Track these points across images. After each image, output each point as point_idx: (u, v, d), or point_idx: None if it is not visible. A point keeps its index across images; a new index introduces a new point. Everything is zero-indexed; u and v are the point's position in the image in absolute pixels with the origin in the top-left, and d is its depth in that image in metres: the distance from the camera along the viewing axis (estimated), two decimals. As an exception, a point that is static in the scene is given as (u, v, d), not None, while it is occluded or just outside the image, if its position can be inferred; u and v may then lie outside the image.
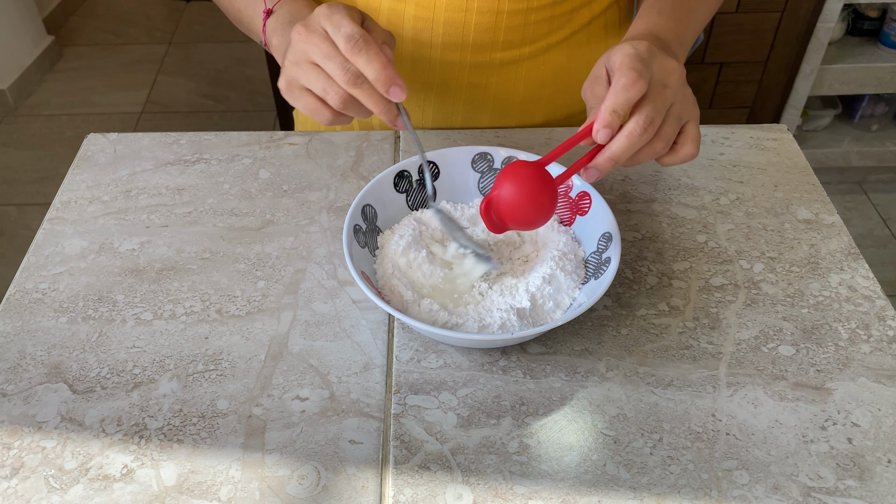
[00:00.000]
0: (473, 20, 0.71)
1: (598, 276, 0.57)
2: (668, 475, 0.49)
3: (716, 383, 0.55)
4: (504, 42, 0.73)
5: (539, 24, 0.73)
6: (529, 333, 0.52)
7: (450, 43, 0.72)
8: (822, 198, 0.70)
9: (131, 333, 0.59)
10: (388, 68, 0.53)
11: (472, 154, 0.66)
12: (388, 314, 0.60)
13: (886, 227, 1.90)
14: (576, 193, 0.63)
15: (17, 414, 0.53)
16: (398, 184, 0.64)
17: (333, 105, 0.55)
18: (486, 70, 0.75)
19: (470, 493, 0.49)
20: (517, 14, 0.71)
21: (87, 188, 0.72)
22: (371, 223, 0.62)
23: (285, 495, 0.49)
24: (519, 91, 0.77)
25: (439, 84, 0.76)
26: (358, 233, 0.60)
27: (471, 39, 0.72)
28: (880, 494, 0.49)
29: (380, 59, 0.53)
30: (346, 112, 0.56)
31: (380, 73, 0.53)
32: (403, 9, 0.71)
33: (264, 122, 2.35)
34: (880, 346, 0.57)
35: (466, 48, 0.73)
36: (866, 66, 1.82)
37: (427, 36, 0.72)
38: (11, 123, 2.33)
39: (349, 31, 0.52)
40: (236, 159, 0.75)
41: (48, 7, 2.71)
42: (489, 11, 0.70)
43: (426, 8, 0.71)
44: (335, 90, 0.54)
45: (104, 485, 0.49)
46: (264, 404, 0.54)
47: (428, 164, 0.63)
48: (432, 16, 0.71)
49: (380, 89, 0.54)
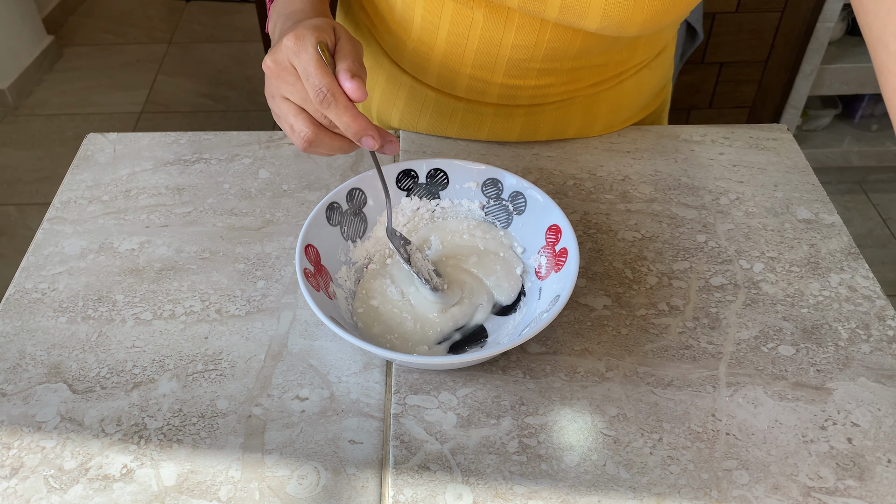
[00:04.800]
0: (475, 47, 0.67)
1: (559, 268, 0.57)
2: (668, 475, 0.49)
3: (716, 383, 0.55)
4: (539, 70, 0.69)
5: (575, 70, 0.70)
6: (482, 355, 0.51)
7: (480, 63, 0.69)
8: (822, 198, 0.70)
9: (131, 333, 0.59)
10: (357, 120, 0.52)
11: (484, 178, 0.64)
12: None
13: (886, 227, 1.90)
14: (560, 248, 0.60)
15: (16, 414, 0.53)
16: (402, 181, 0.64)
17: (298, 146, 0.55)
18: (516, 90, 0.72)
19: (470, 493, 0.49)
20: (523, 49, 0.67)
21: (87, 188, 0.72)
22: (357, 207, 0.62)
23: (285, 495, 0.49)
24: (516, 127, 0.75)
25: (436, 102, 0.74)
26: (334, 210, 0.60)
27: (503, 69, 0.69)
28: (880, 494, 0.49)
29: (349, 112, 0.52)
30: (314, 150, 0.56)
31: (349, 125, 0.52)
32: (434, 41, 0.68)
33: (264, 122, 2.35)
34: (880, 346, 0.57)
35: (498, 72, 0.69)
36: (866, 65, 1.82)
37: (425, 63, 0.71)
38: (11, 123, 2.33)
39: (317, 85, 0.51)
40: (236, 159, 0.75)
41: (48, 7, 2.71)
42: (492, 42, 0.66)
43: (429, 35, 0.68)
44: (301, 131, 0.54)
45: (104, 485, 0.49)
46: (264, 404, 0.54)
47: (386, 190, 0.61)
48: (434, 40, 0.68)
49: (352, 140, 0.54)
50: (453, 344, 0.58)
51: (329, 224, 0.60)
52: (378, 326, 0.58)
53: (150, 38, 2.77)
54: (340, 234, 0.61)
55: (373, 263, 0.62)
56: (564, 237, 0.59)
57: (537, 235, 0.62)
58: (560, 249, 0.59)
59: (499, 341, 0.57)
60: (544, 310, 0.55)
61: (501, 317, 0.60)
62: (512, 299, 0.60)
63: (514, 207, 0.64)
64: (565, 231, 0.59)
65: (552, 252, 0.60)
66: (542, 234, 0.61)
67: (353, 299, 0.60)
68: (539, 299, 0.58)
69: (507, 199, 0.64)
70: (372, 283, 0.61)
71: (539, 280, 0.60)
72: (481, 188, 0.65)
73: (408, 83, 0.74)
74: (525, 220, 0.63)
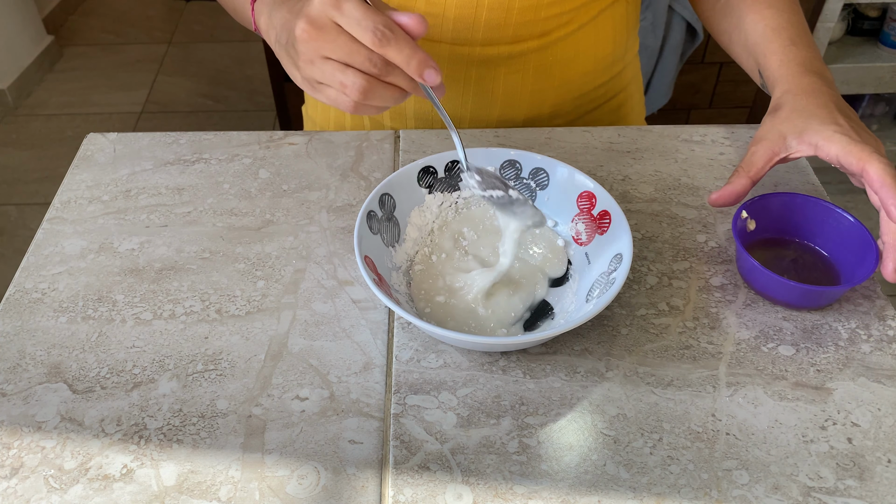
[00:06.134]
0: (484, 16, 0.70)
1: (604, 230, 0.59)
2: (668, 475, 0.49)
3: (716, 383, 0.55)
4: (513, 36, 0.73)
5: (549, 20, 0.73)
6: (530, 339, 0.53)
7: (460, 38, 0.72)
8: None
9: (131, 333, 0.59)
10: (419, 52, 0.51)
11: (501, 160, 0.65)
12: (387, 313, 0.60)
13: (886, 226, 1.89)
14: (598, 211, 0.62)
15: (16, 414, 0.53)
16: (422, 178, 0.64)
17: (348, 104, 0.54)
18: (494, 63, 0.75)
19: (470, 493, 0.49)
20: (528, 10, 0.71)
21: (87, 188, 0.72)
22: (388, 212, 0.62)
23: (285, 495, 0.49)
24: (528, 82, 0.78)
25: (448, 77, 0.76)
26: (372, 219, 0.60)
27: (480, 35, 0.72)
28: (880, 494, 0.49)
29: (410, 45, 0.51)
30: (368, 102, 0.54)
31: (411, 58, 0.51)
32: (413, 5, 0.71)
33: (264, 122, 2.35)
34: (880, 346, 0.57)
35: (476, 43, 0.72)
36: (866, 65, 1.82)
37: (437, 32, 0.72)
38: (11, 123, 2.33)
39: (372, 25, 0.50)
40: (236, 159, 0.75)
41: (48, 6, 2.71)
42: (500, 7, 0.70)
43: (436, 4, 0.70)
44: (354, 83, 0.52)
45: (104, 485, 0.49)
46: (264, 404, 0.54)
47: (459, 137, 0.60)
48: (442, 12, 0.71)
49: (413, 75, 0.52)
50: (525, 322, 0.59)
51: (371, 233, 0.60)
52: (452, 322, 0.59)
53: (150, 38, 2.77)
54: (382, 242, 0.61)
55: (418, 265, 0.63)
56: (601, 200, 0.61)
57: (568, 205, 0.64)
58: (599, 213, 0.61)
59: (566, 310, 0.59)
60: (605, 271, 0.57)
61: (556, 288, 0.62)
62: (563, 271, 0.62)
63: (536, 184, 0.65)
64: (600, 195, 0.61)
65: (590, 217, 0.62)
66: (573, 203, 0.63)
67: (413, 301, 0.60)
68: (590, 263, 0.60)
69: (527, 176, 0.65)
70: (428, 282, 0.62)
71: (581, 246, 0.62)
72: (499, 171, 0.65)
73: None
74: (550, 194, 0.65)
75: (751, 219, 0.62)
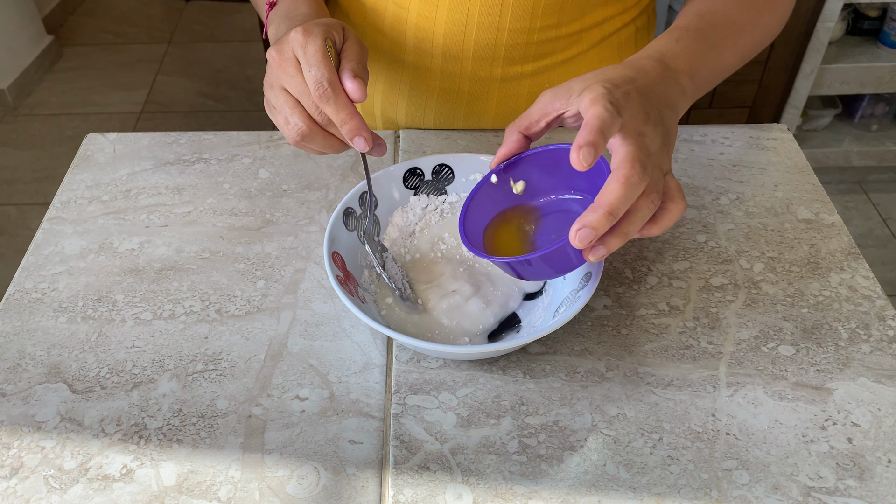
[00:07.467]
0: (473, 35, 0.70)
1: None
2: (668, 475, 0.49)
3: (716, 383, 0.55)
4: (505, 58, 0.72)
5: (542, 44, 0.71)
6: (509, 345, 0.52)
7: (450, 54, 0.72)
8: (822, 197, 0.70)
9: (131, 333, 0.59)
10: (353, 119, 0.53)
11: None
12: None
13: (886, 226, 1.90)
14: None
15: (16, 414, 0.53)
16: (408, 179, 0.64)
17: (290, 139, 0.55)
18: (487, 83, 0.74)
19: (470, 493, 0.49)
20: (518, 32, 0.70)
21: (87, 188, 0.72)
22: (369, 210, 0.62)
23: (285, 495, 0.49)
24: (521, 108, 0.76)
25: (440, 91, 0.76)
26: (349, 216, 0.60)
27: (471, 53, 0.71)
28: (880, 494, 0.49)
29: (346, 110, 0.52)
30: (306, 145, 0.56)
31: (345, 122, 0.53)
32: (406, 16, 0.71)
33: (264, 122, 2.34)
34: (880, 345, 0.57)
35: (466, 60, 0.72)
36: (866, 65, 1.82)
37: (428, 46, 0.72)
38: (11, 123, 2.33)
39: (317, 77, 0.52)
40: (236, 159, 0.75)
41: (48, 6, 2.71)
42: (489, 28, 0.69)
43: (427, 18, 0.70)
44: (295, 124, 0.54)
45: (104, 485, 0.49)
46: (264, 404, 0.54)
47: (372, 197, 0.61)
48: (433, 26, 0.70)
49: (345, 138, 0.54)
50: (491, 333, 0.58)
51: (347, 229, 0.60)
52: (412, 327, 0.58)
53: (150, 38, 2.77)
54: (358, 239, 0.61)
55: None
56: None
57: None
58: None
59: (533, 324, 0.58)
60: (574, 288, 0.56)
61: (529, 301, 0.60)
62: (539, 286, 0.61)
63: None
64: None
65: None
66: None
67: (377, 303, 0.60)
68: (564, 279, 0.59)
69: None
70: None
71: None
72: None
73: (410, 68, 0.75)
74: None
75: (515, 181, 0.57)
